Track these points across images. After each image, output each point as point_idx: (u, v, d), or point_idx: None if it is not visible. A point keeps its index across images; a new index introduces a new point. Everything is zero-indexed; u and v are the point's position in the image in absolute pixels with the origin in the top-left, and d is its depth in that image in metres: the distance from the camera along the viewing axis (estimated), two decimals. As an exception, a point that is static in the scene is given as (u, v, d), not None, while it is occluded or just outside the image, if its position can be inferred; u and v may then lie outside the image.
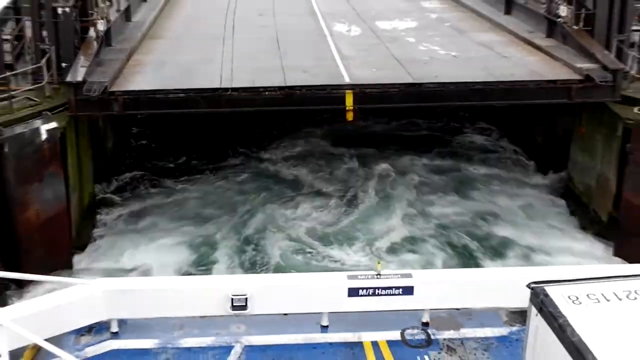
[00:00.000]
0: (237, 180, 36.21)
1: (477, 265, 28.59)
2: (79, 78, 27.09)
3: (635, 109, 27.43)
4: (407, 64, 30.26)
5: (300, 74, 29.10)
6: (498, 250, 30.42)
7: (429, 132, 40.23)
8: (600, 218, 30.24)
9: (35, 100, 27.44)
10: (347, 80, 28.81)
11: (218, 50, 31.66)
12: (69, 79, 27.45)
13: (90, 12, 31.27)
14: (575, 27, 31.12)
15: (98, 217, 32.14)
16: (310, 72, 29.39)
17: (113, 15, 34.08)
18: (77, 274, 27.88)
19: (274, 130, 39.66)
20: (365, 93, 28.04)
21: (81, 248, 29.31)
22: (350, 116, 28.15)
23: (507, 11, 37.14)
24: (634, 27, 31.82)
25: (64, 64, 28.71)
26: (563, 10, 31.42)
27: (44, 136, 26.22)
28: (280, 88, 27.86)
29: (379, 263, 17.69)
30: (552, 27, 32.95)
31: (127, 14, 37.20)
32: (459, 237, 31.44)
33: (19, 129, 25.89)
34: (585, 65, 28.53)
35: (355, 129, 37.21)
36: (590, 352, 10.20)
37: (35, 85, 28.14)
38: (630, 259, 27.44)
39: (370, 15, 39.41)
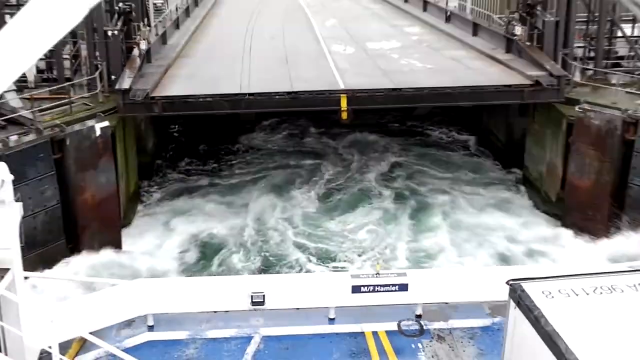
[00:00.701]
0: (251, 170, 36.73)
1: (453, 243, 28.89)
2: (126, 86, 28.13)
3: (576, 108, 28.24)
4: (391, 74, 31.27)
5: (303, 82, 29.97)
6: (465, 222, 31.13)
7: (407, 138, 40.86)
8: (551, 198, 31.14)
9: (90, 105, 28.47)
10: (341, 86, 29.74)
11: (237, 66, 32.49)
12: (117, 87, 28.52)
13: (134, 35, 32.71)
14: (528, 44, 32.16)
15: (140, 201, 32.99)
16: (312, 81, 30.24)
17: (152, 38, 35.24)
18: (124, 246, 28.86)
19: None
20: (356, 96, 28.96)
21: (127, 225, 30.05)
22: (344, 115, 29.09)
23: (474, 33, 37.87)
24: (577, 44, 33.03)
25: (113, 76, 29.83)
26: (518, 30, 32.48)
27: (98, 132, 26.97)
28: (288, 93, 28.87)
29: (378, 264, 18.08)
30: (510, 44, 33.76)
31: (163, 38, 38.23)
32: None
33: (77, 127, 26.77)
34: (535, 73, 29.49)
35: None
36: (562, 339, 10.41)
37: (90, 93, 29.19)
38: (573, 228, 29.32)
39: (362, 38, 40.05)
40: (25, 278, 14.87)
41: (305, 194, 33.89)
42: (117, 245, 28.57)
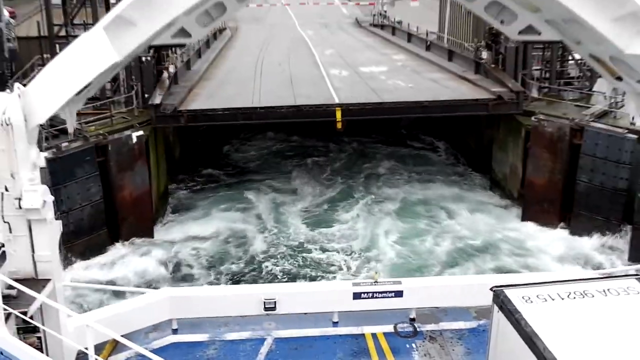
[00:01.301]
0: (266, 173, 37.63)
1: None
2: (157, 102, 29.77)
3: (533, 118, 29.41)
4: (379, 92, 32.70)
5: (305, 98, 31.38)
6: (446, 212, 32.43)
7: (393, 146, 41.60)
8: (513, 195, 32.32)
9: (127, 118, 29.92)
10: (336, 101, 31.12)
11: (250, 86, 33.94)
12: (150, 102, 30.15)
13: (163, 61, 34.41)
14: (493, 66, 33.56)
15: (169, 200, 34.07)
16: (312, 97, 31.60)
17: (179, 64, 36.82)
18: (156, 235, 29.99)
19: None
20: (349, 109, 30.43)
21: (158, 219, 31.25)
22: (339, 125, 30.42)
23: (449, 58, 39.13)
24: (535, 67, 34.59)
25: (146, 95, 31.27)
26: (485, 55, 34.00)
27: (134, 140, 28.14)
28: (292, 106, 30.34)
29: (376, 274, 17.90)
30: (478, 66, 35.12)
31: (188, 64, 39.77)
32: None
33: (117, 135, 28.03)
34: (498, 89, 31.00)
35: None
36: (540, 339, 10.36)
37: (128, 109, 30.71)
38: (532, 220, 30.41)
39: (355, 64, 40.99)
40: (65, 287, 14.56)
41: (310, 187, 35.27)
42: (149, 235, 29.71)
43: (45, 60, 33.51)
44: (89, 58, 12.55)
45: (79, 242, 27.42)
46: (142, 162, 28.78)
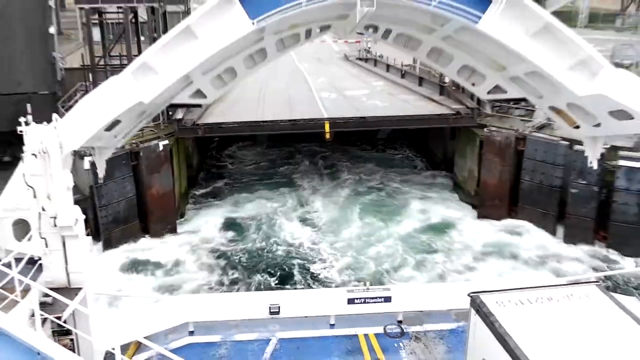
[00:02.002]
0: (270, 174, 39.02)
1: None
2: (179, 117, 31.49)
3: (485, 130, 31.12)
4: (360, 109, 34.53)
5: (300, 114, 33.06)
6: (412, 209, 33.39)
7: (371, 153, 42.97)
8: (470, 194, 33.71)
9: (155, 131, 31.25)
10: (325, 116, 32.87)
11: (255, 106, 35.61)
12: (173, 118, 31.77)
13: None
14: (454, 88, 35.24)
15: (189, 198, 35.25)
16: (306, 114, 33.24)
17: None
18: (178, 228, 31.15)
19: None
20: (336, 122, 32.05)
21: (180, 215, 32.60)
22: (327, 136, 31.96)
23: (420, 84, 40.50)
24: None
25: (170, 112, 32.38)
26: (447, 80, 35.41)
27: (160, 148, 29.66)
28: (289, 120, 32.06)
29: (368, 282, 17.75)
30: (442, 89, 36.70)
31: None
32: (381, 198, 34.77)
33: (147, 144, 29.43)
34: (457, 107, 32.84)
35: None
36: (511, 338, 10.27)
37: (155, 123, 31.54)
38: (486, 216, 31.76)
39: (342, 89, 42.11)
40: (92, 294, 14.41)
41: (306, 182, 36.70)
42: (173, 227, 31.07)
43: (87, 86, 34.66)
44: (116, 96, 12.76)
45: (117, 230, 28.94)
46: (167, 167, 30.13)
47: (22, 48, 28.62)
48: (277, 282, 26.93)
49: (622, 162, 26.89)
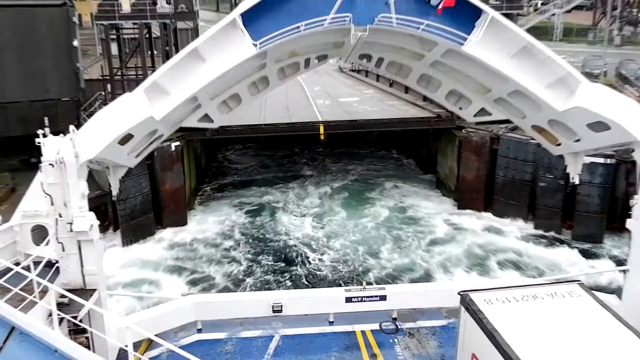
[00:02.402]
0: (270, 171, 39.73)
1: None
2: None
3: (463, 131, 32.16)
4: (352, 113, 35.47)
5: (297, 118, 33.93)
6: (399, 204, 34.25)
7: (361, 153, 43.70)
8: (451, 189, 34.53)
9: None
10: (320, 119, 33.72)
11: (257, 111, 35.52)
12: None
13: None
14: None
15: (198, 195, 36.05)
16: (302, 117, 34.14)
17: None
18: (188, 221, 31.92)
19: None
20: (329, 124, 32.98)
21: (190, 208, 33.35)
22: (322, 136, 32.88)
23: (406, 91, 40.41)
24: None
25: None
26: None
27: (172, 148, 30.38)
28: (288, 123, 33.01)
29: (363, 281, 18.05)
30: (425, 96, 34.73)
31: None
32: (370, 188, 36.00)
33: (160, 145, 27.28)
34: (438, 111, 33.34)
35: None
36: (499, 334, 10.16)
37: None
38: (464, 207, 32.77)
39: (336, 96, 42.28)
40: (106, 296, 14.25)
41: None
42: (184, 220, 31.97)
43: (106, 95, 36.15)
44: (129, 110, 12.69)
45: (134, 221, 29.80)
46: (178, 165, 30.94)
47: (50, 60, 29.54)
48: (275, 259, 28.34)
49: (585, 158, 28.06)
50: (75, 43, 30.15)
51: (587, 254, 28.33)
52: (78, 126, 30.26)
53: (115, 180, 15.07)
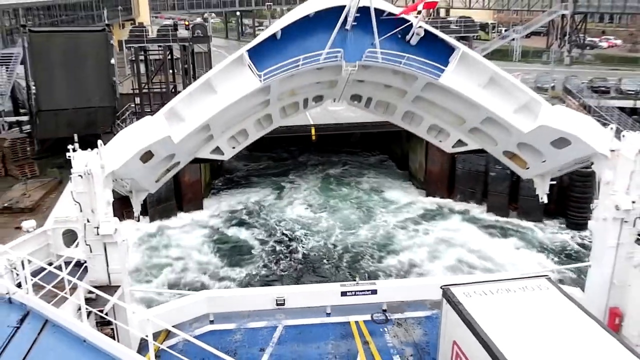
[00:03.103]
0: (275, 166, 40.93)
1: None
2: None
3: None
4: (339, 119, 37.17)
5: (293, 122, 32.52)
6: (377, 192, 36.08)
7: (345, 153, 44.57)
8: (421, 180, 36.60)
9: None
10: (311, 122, 35.53)
11: None
12: None
13: None
14: None
15: (211, 187, 37.80)
16: (297, 121, 34.18)
17: None
18: (204, 207, 33.95)
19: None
20: (319, 127, 34.91)
21: (204, 197, 35.15)
22: (313, 137, 34.73)
23: None
24: None
25: None
26: None
27: None
28: (284, 126, 32.05)
29: (357, 277, 17.79)
30: None
31: None
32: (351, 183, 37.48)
33: None
34: None
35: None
36: (477, 323, 10.05)
37: None
38: (431, 195, 34.78)
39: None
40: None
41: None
42: (200, 206, 34.08)
43: (135, 105, 37.71)
44: (149, 129, 12.64)
45: (159, 207, 32.12)
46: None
47: (92, 74, 31.22)
48: (273, 232, 30.21)
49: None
50: (112, 61, 31.81)
51: (526, 228, 31.08)
52: (112, 129, 33.03)
53: (137, 203, 14.85)
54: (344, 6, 13.23)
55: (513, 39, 68.66)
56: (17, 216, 26.30)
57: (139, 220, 16.10)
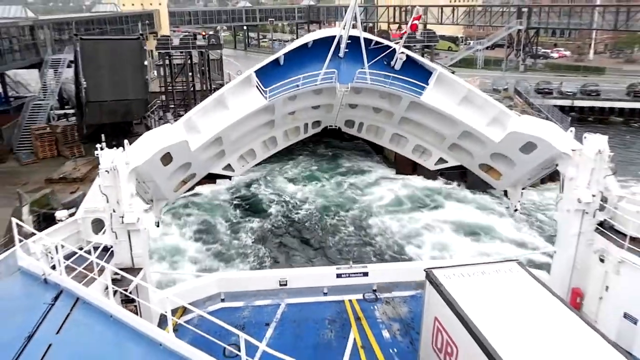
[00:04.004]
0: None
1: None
2: None
3: None
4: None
5: None
6: (359, 170, 37.43)
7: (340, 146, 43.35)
8: (392, 161, 38.00)
9: None
10: None
11: None
12: None
13: None
14: None
15: None
16: None
17: None
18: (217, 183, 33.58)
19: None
20: None
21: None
22: None
23: None
24: None
25: None
26: None
27: None
28: None
29: (351, 261, 17.47)
30: None
31: None
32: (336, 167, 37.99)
33: None
34: None
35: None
36: (456, 302, 9.89)
37: None
38: (400, 173, 36.05)
39: None
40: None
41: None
42: (214, 182, 33.24)
43: (162, 100, 40.10)
44: (168, 134, 12.77)
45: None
46: None
47: (129, 73, 33.66)
48: (272, 191, 31.06)
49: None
50: (145, 63, 34.42)
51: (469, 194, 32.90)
52: (144, 118, 35.67)
53: (157, 210, 14.73)
54: (337, 36, 13.63)
55: (477, 50, 72.63)
56: (70, 185, 29.21)
57: (158, 226, 15.80)
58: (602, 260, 12.63)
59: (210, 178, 14.70)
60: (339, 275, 15.66)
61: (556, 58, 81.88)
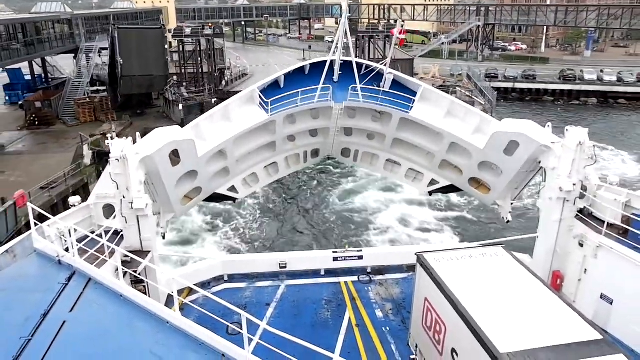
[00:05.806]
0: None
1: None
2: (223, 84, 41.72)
3: None
4: None
5: None
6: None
7: None
8: None
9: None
10: None
11: None
12: (219, 88, 42.06)
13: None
14: None
15: None
16: None
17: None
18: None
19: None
20: None
21: None
22: None
23: None
24: None
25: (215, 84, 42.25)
26: None
27: (214, 102, 37.46)
28: None
29: (346, 245, 17.27)
30: None
31: None
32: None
33: (207, 100, 39.88)
34: None
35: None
36: (445, 283, 9.86)
37: (208, 88, 42.30)
38: None
39: None
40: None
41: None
42: None
43: (175, 78, 45.50)
44: (177, 131, 12.22)
45: None
46: None
47: (153, 55, 40.46)
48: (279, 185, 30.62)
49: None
50: (166, 46, 41.44)
51: None
52: (160, 94, 44.37)
53: (164, 221, 14.07)
54: (332, 60, 14.18)
55: (442, 43, 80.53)
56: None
57: (164, 238, 15.72)
58: (581, 245, 12.85)
59: (215, 200, 15.48)
60: (335, 259, 15.55)
61: (513, 50, 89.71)
